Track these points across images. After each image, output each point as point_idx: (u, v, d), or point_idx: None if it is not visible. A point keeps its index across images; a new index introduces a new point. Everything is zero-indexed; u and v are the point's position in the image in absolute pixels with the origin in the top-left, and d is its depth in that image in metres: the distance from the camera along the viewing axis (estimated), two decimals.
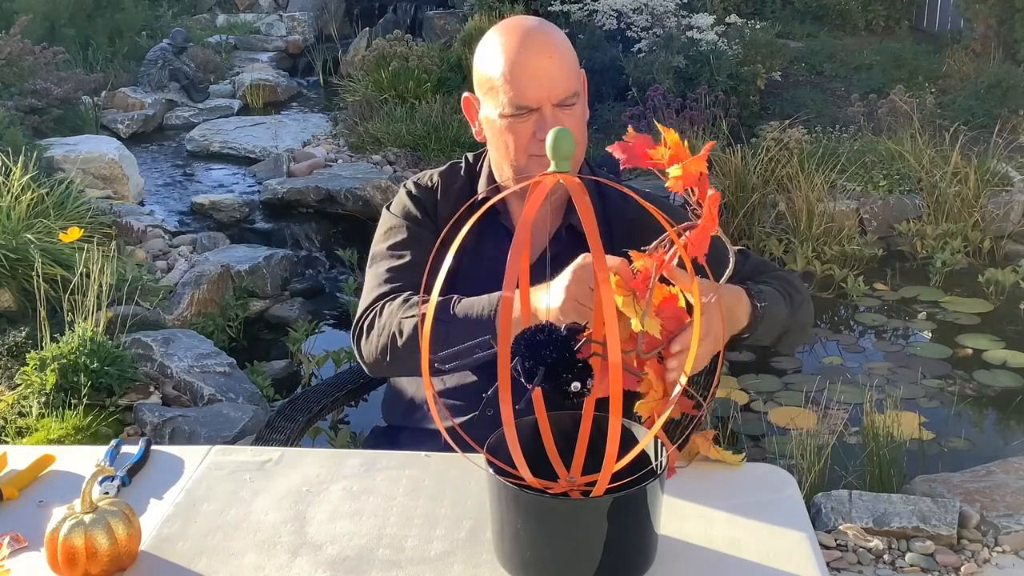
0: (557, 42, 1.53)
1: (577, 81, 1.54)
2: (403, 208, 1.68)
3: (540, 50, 1.50)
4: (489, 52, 1.54)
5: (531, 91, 1.49)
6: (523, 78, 1.49)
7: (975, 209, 5.06)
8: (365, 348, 1.57)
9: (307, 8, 10.02)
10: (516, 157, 1.54)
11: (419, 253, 1.62)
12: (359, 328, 1.59)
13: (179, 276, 4.30)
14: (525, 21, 1.56)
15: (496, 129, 1.55)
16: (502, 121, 1.53)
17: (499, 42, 1.52)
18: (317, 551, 1.20)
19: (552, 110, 1.50)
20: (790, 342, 1.57)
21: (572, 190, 1.01)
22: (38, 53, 6.63)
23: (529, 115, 1.51)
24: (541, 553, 1.09)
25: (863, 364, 3.99)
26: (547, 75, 1.49)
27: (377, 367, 1.58)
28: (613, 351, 0.97)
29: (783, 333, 1.52)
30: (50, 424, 2.89)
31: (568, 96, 1.51)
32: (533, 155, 1.52)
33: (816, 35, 8.28)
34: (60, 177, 4.61)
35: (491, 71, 1.52)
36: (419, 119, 6.32)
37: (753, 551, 1.18)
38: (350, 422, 3.46)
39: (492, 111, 1.55)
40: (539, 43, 1.51)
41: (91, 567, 1.13)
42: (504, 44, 1.52)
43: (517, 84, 1.49)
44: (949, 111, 6.22)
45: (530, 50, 1.50)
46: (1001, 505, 2.65)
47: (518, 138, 1.53)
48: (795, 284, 1.61)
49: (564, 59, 1.52)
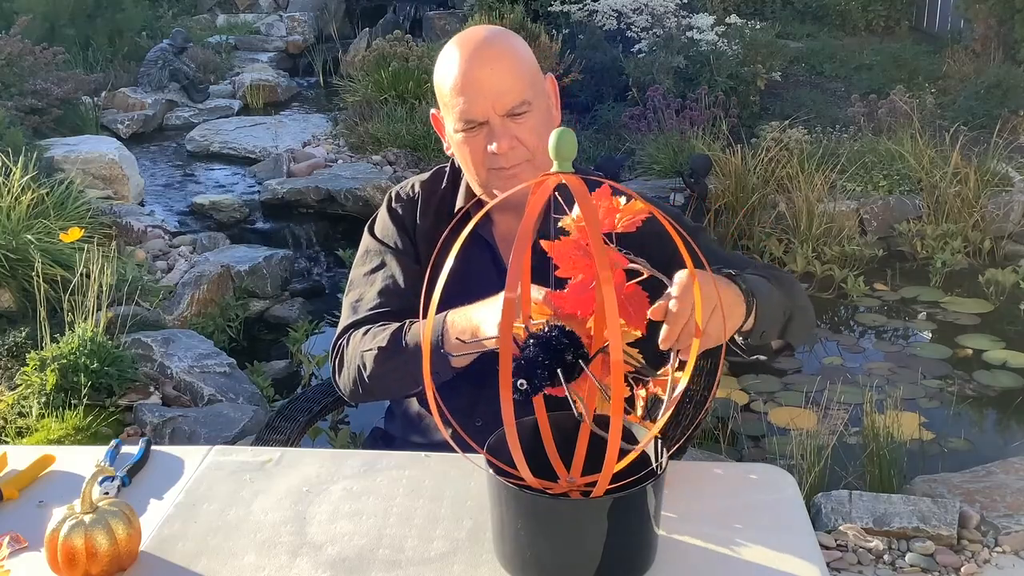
0: (504, 52, 1.50)
1: (529, 90, 1.50)
2: (383, 228, 1.68)
3: (484, 62, 1.48)
4: (441, 66, 1.53)
5: (477, 104, 1.48)
6: (469, 92, 1.48)
7: (975, 209, 5.05)
8: (340, 382, 1.60)
9: (307, 8, 10.02)
10: (477, 172, 1.53)
11: (392, 280, 1.62)
12: (334, 364, 1.61)
13: (179, 276, 4.30)
14: (477, 33, 1.54)
15: (456, 144, 1.55)
16: (457, 136, 1.53)
17: (450, 56, 1.51)
18: (317, 551, 1.20)
19: (501, 121, 1.48)
20: (799, 329, 1.49)
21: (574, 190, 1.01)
22: (38, 53, 6.63)
23: (480, 128, 1.50)
24: (541, 553, 1.09)
25: (863, 364, 3.99)
26: (492, 87, 1.47)
27: (355, 397, 1.61)
28: (615, 350, 0.97)
29: (787, 319, 1.46)
30: (50, 424, 2.89)
31: (516, 105, 1.48)
32: (491, 168, 1.51)
33: (816, 35, 8.28)
34: (60, 177, 4.61)
35: (443, 85, 1.52)
36: (419, 119, 6.32)
37: (753, 551, 1.18)
38: (350, 422, 3.46)
39: (450, 126, 1.55)
40: (484, 55, 1.49)
41: (91, 567, 1.13)
42: (453, 58, 1.50)
43: (464, 98, 1.48)
44: (949, 111, 6.22)
45: (475, 63, 1.48)
46: (1001, 505, 2.65)
47: (474, 152, 1.52)
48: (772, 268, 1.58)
49: (512, 69, 1.49)
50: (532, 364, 1.08)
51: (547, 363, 1.08)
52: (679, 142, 5.56)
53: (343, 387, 1.60)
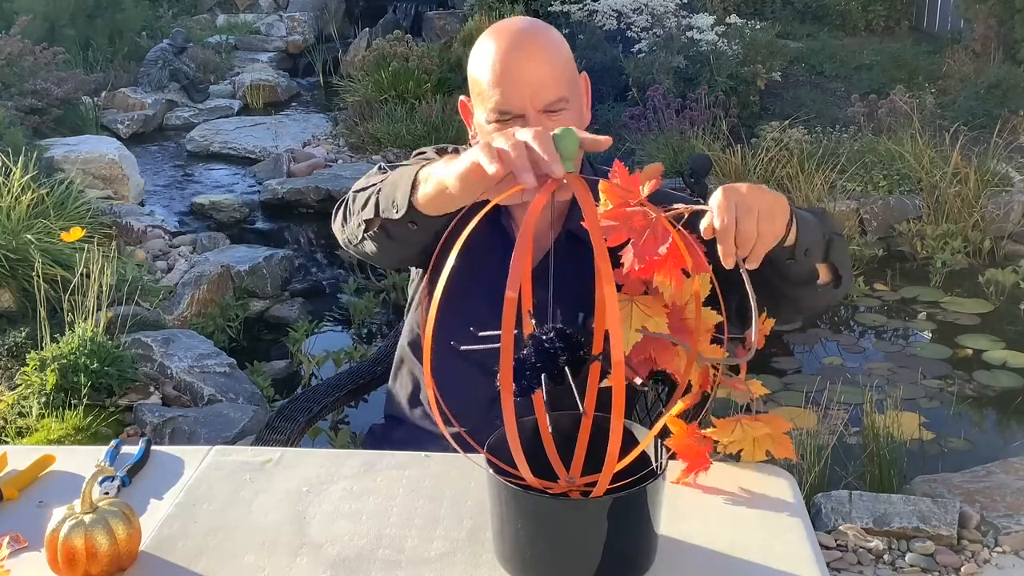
0: (546, 46, 1.49)
1: (566, 86, 1.49)
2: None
3: (526, 55, 1.47)
4: (478, 56, 1.51)
5: (515, 97, 1.46)
6: (507, 84, 1.46)
7: (975, 209, 5.06)
8: (335, 227, 1.61)
9: (307, 8, 10.02)
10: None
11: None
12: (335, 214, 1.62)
13: (179, 276, 4.30)
14: (516, 24, 1.52)
15: (485, 134, 1.52)
16: (489, 127, 1.50)
17: (487, 46, 1.50)
18: (317, 551, 1.20)
19: (537, 116, 1.46)
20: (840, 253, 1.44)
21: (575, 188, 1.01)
22: (38, 53, 6.63)
23: (514, 121, 1.47)
24: (541, 553, 1.09)
25: (863, 364, 3.99)
26: (531, 81, 1.46)
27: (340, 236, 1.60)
28: (616, 349, 0.97)
29: (828, 241, 1.41)
30: (50, 424, 2.89)
31: (554, 102, 1.47)
32: None
33: (816, 35, 8.28)
34: (60, 177, 4.61)
35: (479, 75, 1.50)
36: (419, 119, 6.32)
37: (753, 551, 1.18)
38: (350, 422, 3.46)
39: (481, 116, 1.53)
40: (526, 47, 1.47)
41: (91, 567, 1.12)
42: (491, 48, 1.49)
43: (501, 90, 1.46)
44: (949, 111, 6.22)
45: (516, 55, 1.46)
46: (1001, 505, 2.65)
47: None
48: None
49: (552, 63, 1.48)
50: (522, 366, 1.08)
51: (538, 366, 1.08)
52: (679, 142, 5.56)
53: (336, 232, 1.60)
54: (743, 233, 1.17)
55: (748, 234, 1.17)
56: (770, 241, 1.22)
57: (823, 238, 1.40)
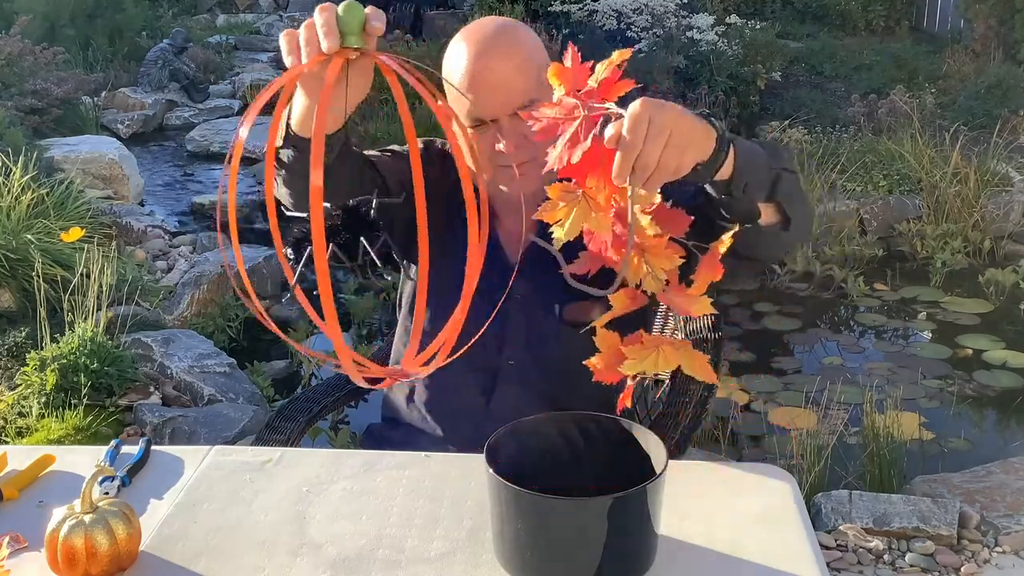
0: (514, 50, 1.47)
1: (538, 87, 1.44)
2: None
3: (493, 60, 1.44)
4: (449, 61, 1.49)
5: (485, 104, 1.44)
6: (477, 90, 1.44)
7: (975, 209, 5.06)
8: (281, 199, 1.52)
9: (307, 8, 10.02)
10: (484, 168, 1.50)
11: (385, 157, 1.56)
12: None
13: (179, 276, 4.30)
14: (485, 28, 1.50)
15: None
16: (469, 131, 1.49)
17: (457, 51, 1.48)
18: (317, 551, 1.20)
19: (510, 120, 1.45)
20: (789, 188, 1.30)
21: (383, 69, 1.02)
22: (38, 53, 6.64)
23: (488, 126, 1.46)
24: (541, 554, 1.09)
25: (863, 364, 3.99)
26: (499, 87, 1.44)
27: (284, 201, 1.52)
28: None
29: (775, 179, 1.28)
30: (50, 424, 2.89)
31: (525, 105, 1.43)
32: (499, 165, 1.48)
33: (816, 35, 8.29)
34: (60, 177, 4.61)
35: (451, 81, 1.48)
36: (419, 119, 6.31)
37: (753, 551, 1.18)
38: (350, 422, 3.46)
39: None
40: (493, 52, 1.45)
41: (91, 567, 1.13)
42: (461, 53, 1.47)
43: (472, 97, 1.44)
44: (949, 111, 6.22)
45: (483, 60, 1.44)
46: (1001, 505, 2.65)
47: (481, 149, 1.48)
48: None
49: (521, 67, 1.45)
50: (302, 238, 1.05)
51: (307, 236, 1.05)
52: None
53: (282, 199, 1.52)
54: (643, 156, 1.05)
55: (647, 158, 1.06)
56: (667, 175, 1.09)
57: (769, 174, 1.27)
